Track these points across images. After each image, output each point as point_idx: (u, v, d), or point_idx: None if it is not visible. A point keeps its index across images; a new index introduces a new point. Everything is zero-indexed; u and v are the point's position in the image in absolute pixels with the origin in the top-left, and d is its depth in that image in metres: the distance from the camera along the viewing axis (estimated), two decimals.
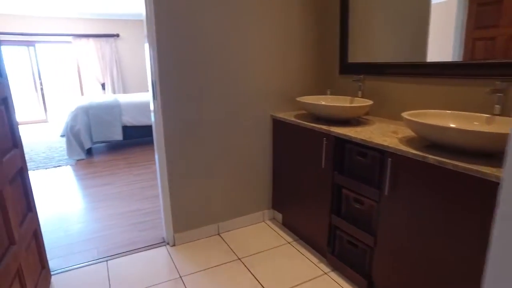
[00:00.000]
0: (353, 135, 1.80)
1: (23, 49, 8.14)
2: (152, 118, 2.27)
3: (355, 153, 1.85)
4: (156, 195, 3.46)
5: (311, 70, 2.66)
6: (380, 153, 1.67)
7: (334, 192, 2.03)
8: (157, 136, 2.24)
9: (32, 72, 8.26)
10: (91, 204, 3.27)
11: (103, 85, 8.57)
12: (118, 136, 5.11)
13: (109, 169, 4.38)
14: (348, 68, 2.51)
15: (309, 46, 2.61)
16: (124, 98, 5.60)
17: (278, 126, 2.52)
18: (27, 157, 5.05)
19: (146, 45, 2.13)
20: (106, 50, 8.43)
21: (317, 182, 2.17)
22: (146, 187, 3.67)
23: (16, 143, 1.79)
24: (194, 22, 2.15)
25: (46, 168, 4.49)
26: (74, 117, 4.88)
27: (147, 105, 5.35)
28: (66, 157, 4.91)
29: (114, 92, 8.62)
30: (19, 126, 8.22)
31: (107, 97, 5.67)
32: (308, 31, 2.57)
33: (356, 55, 2.44)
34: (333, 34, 2.58)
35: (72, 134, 4.82)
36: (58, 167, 4.52)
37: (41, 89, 8.43)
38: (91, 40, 8.28)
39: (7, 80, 1.79)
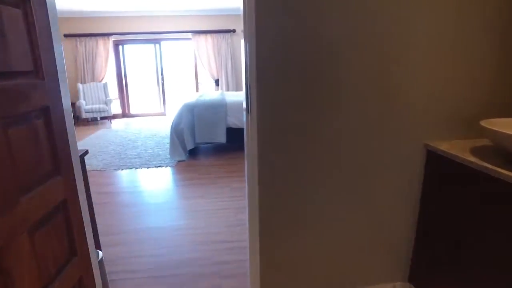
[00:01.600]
0: None
1: (150, 46, 8.63)
2: (245, 138, 1.61)
3: None
4: None
5: (500, 74, 1.61)
6: None
7: None
8: (249, 163, 1.56)
9: (156, 68, 8.71)
10: (179, 223, 2.83)
11: (217, 81, 8.53)
12: (221, 138, 4.73)
13: (207, 176, 3.97)
14: None
15: (503, 31, 1.56)
16: (231, 97, 5.20)
17: (437, 164, 1.57)
18: (135, 152, 5.08)
19: (243, 42, 1.48)
20: (222, 46, 8.34)
21: None
22: (240, 208, 3.09)
23: (59, 168, 1.32)
24: (314, 12, 1.38)
25: (148, 167, 4.35)
26: (179, 115, 4.66)
27: None
28: (169, 156, 4.74)
29: (227, 89, 8.50)
30: (141, 118, 8.89)
31: (215, 95, 5.36)
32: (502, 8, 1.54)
33: None
34: None
35: (175, 133, 4.61)
36: (159, 167, 4.34)
37: (162, 84, 8.84)
38: (209, 36, 8.28)
39: (57, 84, 1.33)
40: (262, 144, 1.47)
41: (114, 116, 8.57)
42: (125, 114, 8.86)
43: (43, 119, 1.22)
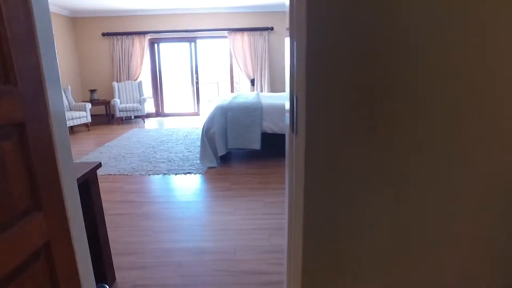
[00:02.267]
0: None
1: (185, 45, 8.45)
2: (286, 171, 1.21)
3: None
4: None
5: None
6: None
7: None
8: (292, 199, 1.16)
9: (190, 67, 8.51)
10: (204, 244, 2.49)
11: (252, 82, 8.18)
12: (255, 144, 4.36)
13: (238, 187, 3.62)
14: None
15: None
16: (267, 100, 4.82)
17: None
18: (166, 155, 4.83)
19: (287, 40, 1.08)
20: (259, 44, 7.98)
21: None
22: (275, 229, 2.70)
23: (40, 202, 0.99)
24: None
25: (176, 174, 4.07)
26: (211, 118, 4.34)
27: None
28: (199, 161, 4.44)
29: (262, 90, 8.13)
30: (175, 118, 8.73)
31: (249, 97, 5.00)
32: None
33: None
34: None
35: (206, 137, 4.30)
36: (187, 174, 4.04)
37: (197, 83, 8.63)
38: (245, 34, 7.95)
39: (40, 90, 1.00)
40: (310, 177, 1.06)
41: (148, 115, 8.48)
42: (158, 113, 8.75)
43: (15, 139, 0.90)
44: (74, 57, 8.10)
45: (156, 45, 8.38)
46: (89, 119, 7.03)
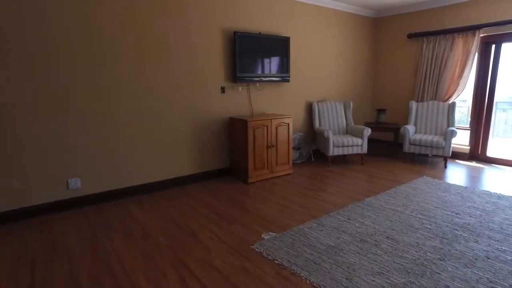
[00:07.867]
0: None
1: None
2: None
3: None
4: None
5: None
6: None
7: None
8: None
9: None
10: None
11: None
12: None
13: None
14: None
15: None
16: None
17: None
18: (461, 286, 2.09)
19: None
20: None
21: None
22: None
23: None
24: None
25: None
26: None
27: None
28: None
29: None
30: (502, 169, 4.92)
31: None
32: None
33: None
34: None
35: None
36: None
37: None
38: None
39: None
40: None
41: (456, 156, 5.51)
42: (475, 155, 5.53)
43: None
44: (368, 66, 6.42)
45: (493, 46, 5.19)
46: (365, 150, 5.13)
